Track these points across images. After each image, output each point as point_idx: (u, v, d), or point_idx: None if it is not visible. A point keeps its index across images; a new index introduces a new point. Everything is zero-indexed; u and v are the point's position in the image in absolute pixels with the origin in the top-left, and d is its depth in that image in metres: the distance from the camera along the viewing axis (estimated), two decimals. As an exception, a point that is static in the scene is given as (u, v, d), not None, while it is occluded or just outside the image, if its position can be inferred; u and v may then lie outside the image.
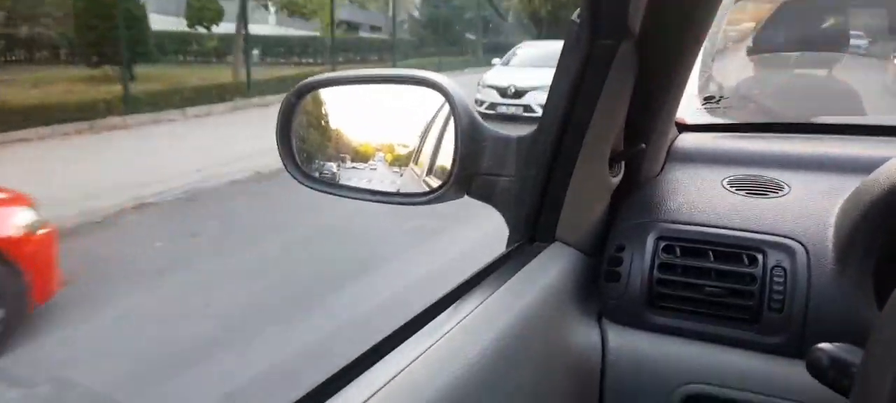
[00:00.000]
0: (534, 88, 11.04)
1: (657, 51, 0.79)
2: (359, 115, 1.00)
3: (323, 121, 0.97)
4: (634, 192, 0.92)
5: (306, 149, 0.94)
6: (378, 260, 4.55)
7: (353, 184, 0.92)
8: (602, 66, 0.76)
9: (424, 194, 0.90)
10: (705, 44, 2.27)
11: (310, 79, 0.90)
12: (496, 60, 13.01)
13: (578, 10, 0.74)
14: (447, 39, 23.89)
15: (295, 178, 0.92)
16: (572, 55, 0.77)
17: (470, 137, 0.86)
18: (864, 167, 0.80)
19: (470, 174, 0.88)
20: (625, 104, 0.84)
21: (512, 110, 11.30)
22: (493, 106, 11.50)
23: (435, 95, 0.89)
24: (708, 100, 1.38)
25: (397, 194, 0.92)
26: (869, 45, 2.98)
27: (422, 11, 26.03)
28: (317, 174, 0.93)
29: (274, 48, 19.50)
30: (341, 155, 0.97)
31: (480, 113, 5.66)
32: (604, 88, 0.78)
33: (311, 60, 19.48)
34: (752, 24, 2.82)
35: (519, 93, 11.30)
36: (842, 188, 0.83)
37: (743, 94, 2.39)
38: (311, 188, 0.93)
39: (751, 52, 2.52)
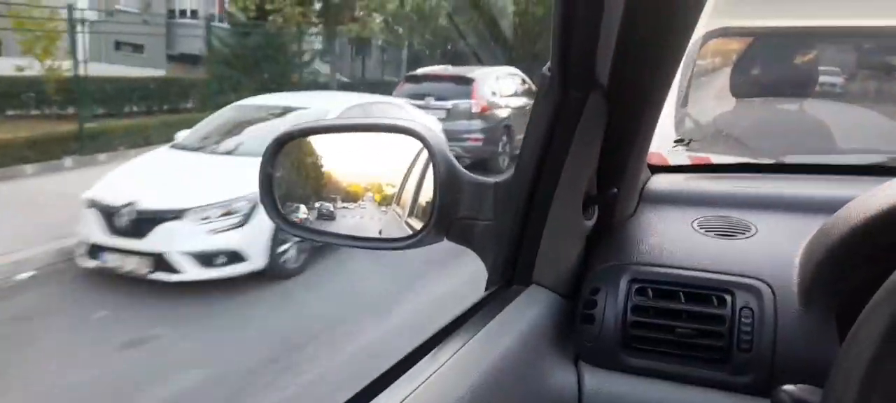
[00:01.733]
0: (195, 210, 5.00)
1: (625, 100, 0.82)
2: (343, 159, 1.02)
3: (307, 168, 1.00)
4: (608, 235, 0.95)
5: (288, 197, 0.95)
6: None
7: (334, 229, 0.94)
8: (573, 115, 0.80)
9: (404, 239, 0.92)
10: (679, 80, 2.34)
11: (290, 128, 0.92)
12: (182, 134, 6.56)
13: (549, 63, 0.77)
14: (272, 74, 14.44)
15: (278, 225, 0.94)
16: (544, 106, 0.80)
17: (448, 183, 0.89)
18: (828, 207, 0.83)
19: (449, 219, 0.90)
20: (596, 150, 0.87)
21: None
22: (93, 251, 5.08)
23: (414, 140, 0.92)
24: (678, 142, 1.42)
25: (377, 239, 0.94)
26: (844, 83, 3.06)
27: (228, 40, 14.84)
28: (299, 220, 0.95)
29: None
30: (327, 199, 0.99)
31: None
32: (575, 136, 0.81)
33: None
34: (723, 60, 2.90)
35: (139, 227, 4.93)
36: (807, 228, 0.86)
37: (718, 129, 2.44)
38: (294, 234, 0.94)
39: (724, 89, 2.59)
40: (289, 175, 0.98)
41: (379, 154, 1.00)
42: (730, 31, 2.35)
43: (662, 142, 2.32)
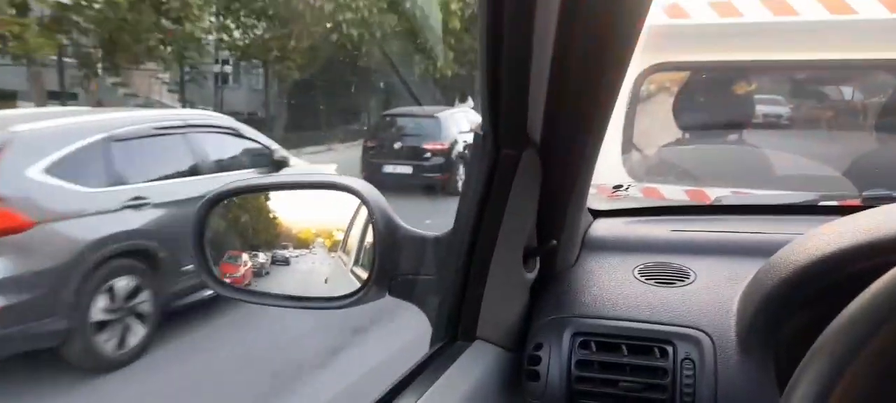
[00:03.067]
0: None
1: (558, 155, 0.83)
2: (283, 215, 1.00)
3: (242, 226, 0.97)
4: (551, 286, 0.94)
5: (221, 257, 0.92)
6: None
7: (272, 290, 0.91)
8: (508, 172, 0.79)
9: (344, 298, 0.89)
10: (625, 113, 2.38)
11: (222, 188, 0.90)
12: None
13: (481, 121, 0.77)
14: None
15: (212, 288, 0.90)
16: (479, 164, 0.80)
17: (388, 240, 0.87)
18: (765, 250, 0.85)
19: (390, 275, 0.89)
20: (534, 204, 0.86)
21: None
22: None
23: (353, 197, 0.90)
24: (617, 187, 1.44)
25: (316, 299, 0.91)
26: (789, 114, 3.18)
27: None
28: (234, 282, 0.92)
29: None
30: (266, 255, 0.97)
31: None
32: (511, 192, 0.81)
33: None
34: (668, 92, 2.98)
35: None
36: (745, 273, 0.87)
37: (662, 161, 2.50)
38: (228, 296, 0.91)
39: (668, 122, 2.66)
40: (224, 235, 0.95)
41: (320, 209, 0.98)
42: (667, 65, 2.41)
43: (610, 172, 2.37)
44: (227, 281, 0.91)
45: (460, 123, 10.89)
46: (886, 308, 0.51)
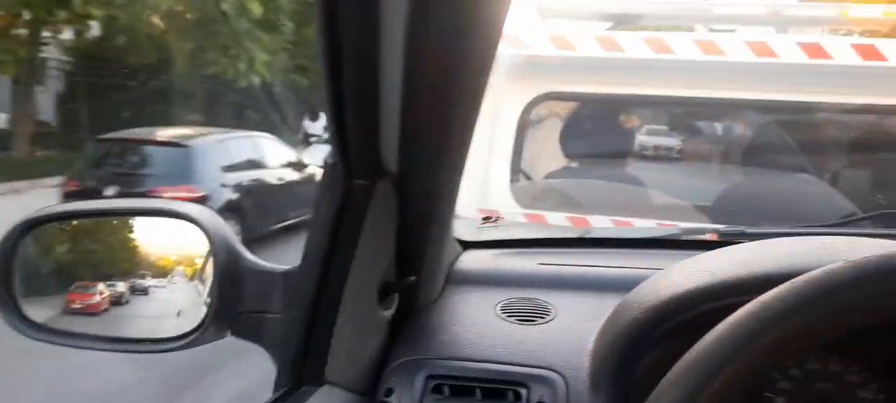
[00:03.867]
0: None
1: (415, 186, 0.78)
2: (141, 241, 0.90)
3: (91, 254, 0.86)
4: (409, 324, 0.90)
5: (34, 294, 0.81)
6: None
7: (88, 330, 0.81)
8: (360, 204, 0.74)
9: (176, 339, 0.81)
10: (514, 141, 2.41)
11: (36, 213, 0.79)
12: None
13: (329, 150, 0.72)
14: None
15: (18, 330, 0.78)
16: (329, 195, 0.74)
17: (228, 272, 0.80)
18: (626, 286, 0.84)
19: (231, 312, 0.81)
20: (390, 237, 0.82)
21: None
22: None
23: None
24: (486, 219, 1.43)
25: (143, 341, 0.82)
26: (680, 145, 3.33)
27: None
28: (46, 322, 0.81)
29: None
30: (125, 284, 0.87)
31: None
32: (364, 225, 0.76)
33: None
34: (556, 119, 3.06)
35: None
36: (604, 309, 0.86)
37: (548, 189, 2.55)
38: (37, 339, 0.79)
39: (555, 150, 2.72)
40: (40, 268, 0.83)
41: (176, 236, 0.89)
42: (554, 95, 2.47)
43: (500, 189, 2.39)
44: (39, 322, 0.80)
45: (236, 156, 7.38)
46: (727, 350, 0.50)
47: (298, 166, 8.37)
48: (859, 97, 2.27)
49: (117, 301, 0.87)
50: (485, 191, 2.39)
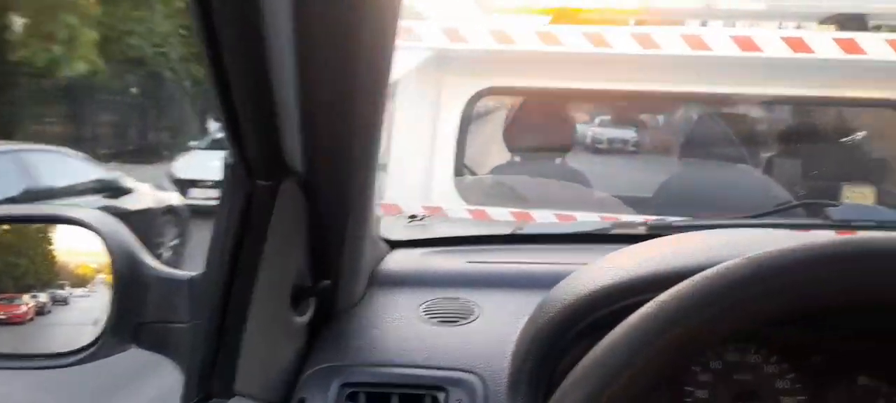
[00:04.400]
0: None
1: (325, 186, 0.75)
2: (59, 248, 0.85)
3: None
4: (327, 330, 0.87)
5: None
6: None
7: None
8: (264, 206, 0.71)
9: (73, 353, 0.76)
10: (457, 136, 2.39)
11: None
12: None
13: (228, 151, 0.68)
14: None
15: None
16: (231, 197, 0.70)
17: (129, 281, 0.75)
18: (552, 282, 0.83)
19: (133, 323, 0.76)
20: (301, 239, 0.78)
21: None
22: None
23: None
24: (412, 218, 1.41)
25: (35, 356, 0.77)
26: (636, 138, 3.37)
27: None
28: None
29: None
30: (46, 295, 0.81)
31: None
32: (270, 228, 0.72)
33: None
34: (501, 113, 3.06)
35: None
36: (528, 308, 0.85)
37: (492, 184, 2.54)
38: None
39: (499, 145, 2.72)
40: None
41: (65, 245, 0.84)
42: (496, 90, 2.46)
43: (443, 184, 2.37)
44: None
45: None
46: (625, 353, 0.49)
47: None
48: (790, 89, 2.33)
49: (41, 311, 0.82)
50: (428, 187, 2.37)
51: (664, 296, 0.49)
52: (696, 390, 0.75)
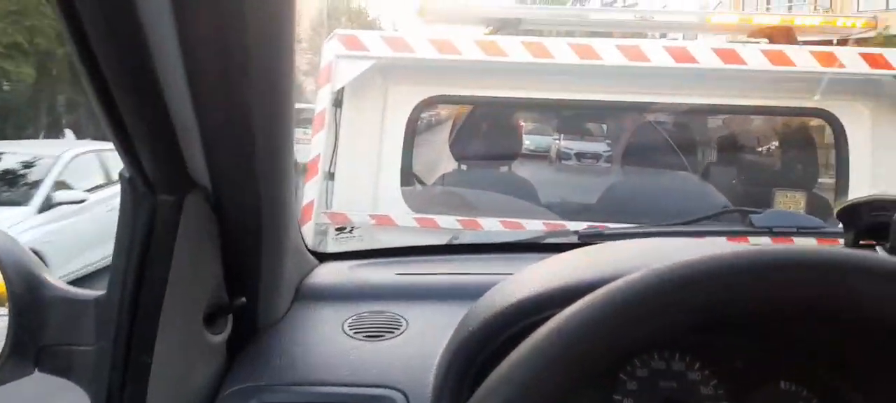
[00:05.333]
0: None
1: (234, 199, 0.72)
2: None
3: None
4: (247, 348, 0.84)
5: None
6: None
7: None
8: (168, 222, 0.68)
9: None
10: (403, 142, 2.38)
11: None
12: None
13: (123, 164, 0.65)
14: None
15: None
16: (130, 214, 0.67)
17: (27, 301, 0.71)
18: (481, 293, 0.82)
19: (32, 346, 0.72)
20: (213, 254, 0.76)
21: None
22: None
23: None
24: (340, 230, 1.39)
25: None
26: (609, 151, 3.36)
27: None
28: None
29: None
30: None
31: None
32: (177, 243, 0.69)
33: None
34: (448, 119, 3.07)
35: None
36: (457, 320, 0.84)
37: (440, 191, 2.54)
38: None
39: (445, 152, 2.72)
40: None
41: None
42: (439, 99, 2.47)
43: (391, 206, 2.36)
44: None
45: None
46: (526, 372, 0.49)
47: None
48: (724, 98, 2.41)
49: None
50: (375, 196, 2.36)
51: (564, 314, 0.49)
52: (623, 398, 0.76)
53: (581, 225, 1.74)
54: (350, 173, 2.30)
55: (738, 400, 0.76)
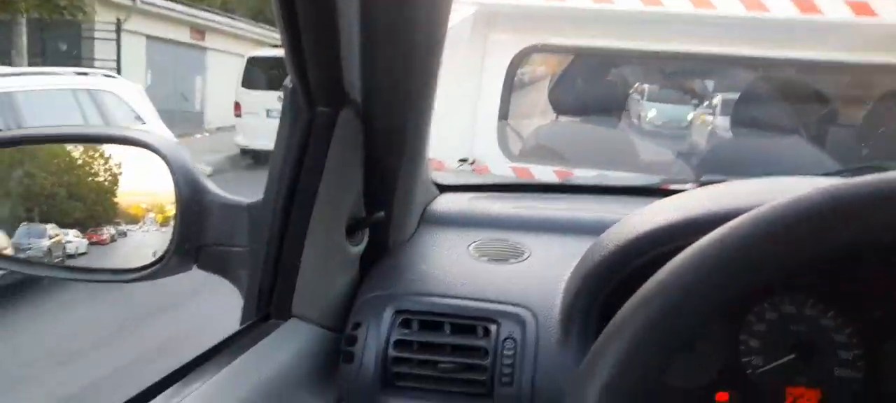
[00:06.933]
0: None
1: (383, 117, 0.76)
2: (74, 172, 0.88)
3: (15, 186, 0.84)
4: (380, 262, 0.89)
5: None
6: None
7: (43, 259, 0.80)
8: (323, 133, 0.72)
9: (138, 270, 0.80)
10: (501, 93, 2.38)
11: None
12: None
13: (289, 76, 0.69)
14: None
15: None
16: (291, 123, 0.72)
17: (192, 205, 0.78)
18: (600, 230, 0.83)
19: (194, 245, 0.80)
20: (357, 170, 0.80)
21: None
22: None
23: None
24: (462, 161, 1.41)
25: (101, 271, 0.81)
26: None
27: None
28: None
29: None
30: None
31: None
32: (329, 155, 0.74)
33: None
34: (547, 70, 3.02)
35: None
36: (578, 252, 0.85)
37: (537, 143, 2.53)
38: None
39: (545, 103, 2.69)
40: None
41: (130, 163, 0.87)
42: (542, 47, 2.43)
43: (487, 151, 2.37)
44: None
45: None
46: (689, 276, 0.50)
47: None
48: (849, 55, 2.24)
49: (113, 239, 0.85)
50: (472, 142, 2.37)
51: (725, 228, 0.49)
52: (749, 339, 0.75)
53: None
54: (448, 120, 2.32)
55: (872, 350, 0.73)
